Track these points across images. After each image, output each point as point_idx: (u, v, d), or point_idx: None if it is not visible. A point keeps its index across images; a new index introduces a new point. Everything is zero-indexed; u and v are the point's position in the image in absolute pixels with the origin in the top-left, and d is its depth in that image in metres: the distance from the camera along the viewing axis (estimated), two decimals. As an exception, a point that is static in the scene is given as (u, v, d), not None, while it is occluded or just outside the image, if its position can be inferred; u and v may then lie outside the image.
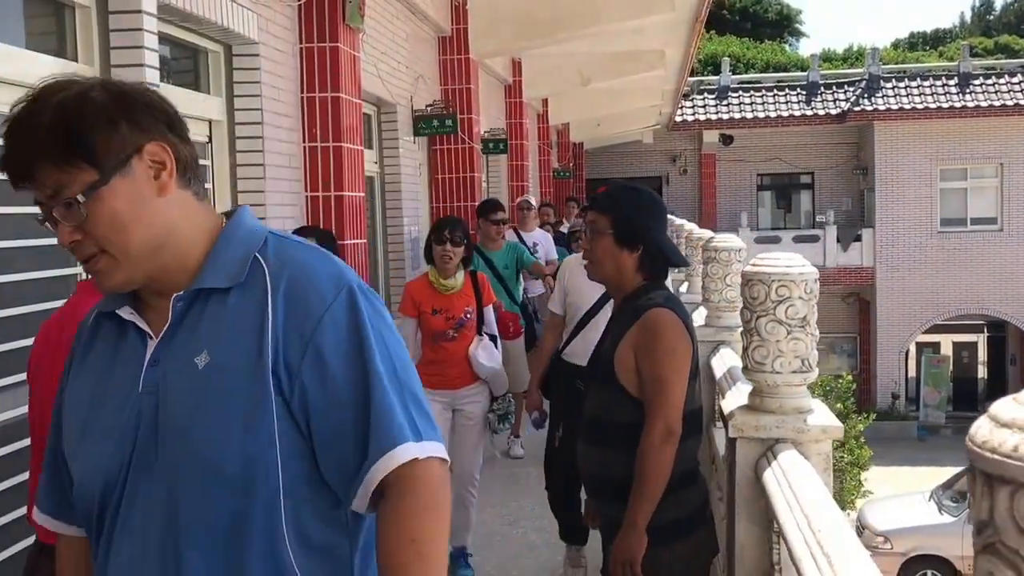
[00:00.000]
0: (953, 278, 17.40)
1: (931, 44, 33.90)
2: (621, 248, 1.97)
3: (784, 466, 1.56)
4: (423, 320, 3.48)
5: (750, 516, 1.72)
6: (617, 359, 1.91)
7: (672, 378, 1.84)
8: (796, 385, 1.73)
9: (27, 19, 2.65)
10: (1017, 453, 0.48)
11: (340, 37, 4.11)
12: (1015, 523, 0.48)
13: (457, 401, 3.51)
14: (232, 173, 3.69)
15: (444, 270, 3.46)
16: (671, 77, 11.79)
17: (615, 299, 2.07)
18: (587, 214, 2.06)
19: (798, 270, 1.70)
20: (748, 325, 1.74)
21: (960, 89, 17.58)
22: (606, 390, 1.94)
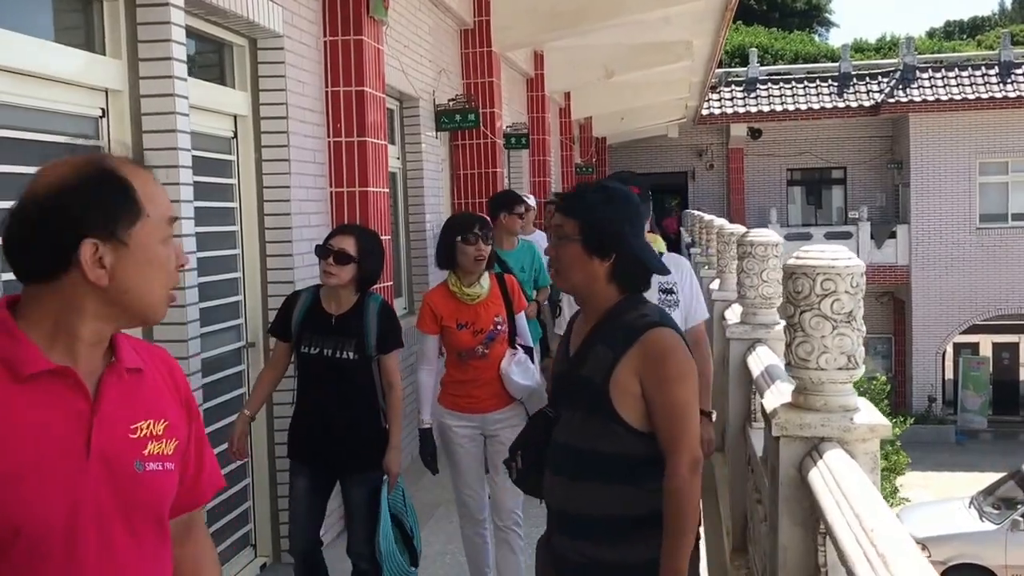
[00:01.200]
0: (993, 276, 16.92)
1: (968, 33, 33.08)
2: (591, 256, 1.74)
3: (831, 465, 1.49)
4: (447, 336, 3.04)
5: (793, 517, 1.65)
6: (615, 386, 1.68)
7: (691, 404, 1.69)
8: (842, 382, 1.65)
9: (56, 13, 2.65)
10: None
11: (364, 30, 4.08)
12: None
13: (489, 426, 3.08)
14: (258, 168, 3.68)
15: (470, 275, 3.02)
16: (699, 69, 11.61)
17: (587, 313, 1.82)
18: (553, 215, 1.86)
19: (844, 263, 1.62)
20: (791, 320, 1.67)
21: (1001, 79, 17.06)
22: (596, 420, 1.71)
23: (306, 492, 2.88)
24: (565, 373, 1.82)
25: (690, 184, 20.36)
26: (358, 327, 2.79)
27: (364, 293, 2.85)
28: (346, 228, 2.94)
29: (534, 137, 8.99)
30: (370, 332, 2.79)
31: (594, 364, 1.73)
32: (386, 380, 2.86)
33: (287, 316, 2.88)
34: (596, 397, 1.70)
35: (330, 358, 2.78)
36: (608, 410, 1.69)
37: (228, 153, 3.58)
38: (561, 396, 1.82)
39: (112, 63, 2.70)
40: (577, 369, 1.77)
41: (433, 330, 3.06)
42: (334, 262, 2.75)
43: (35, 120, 2.46)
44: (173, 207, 1.16)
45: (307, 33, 3.92)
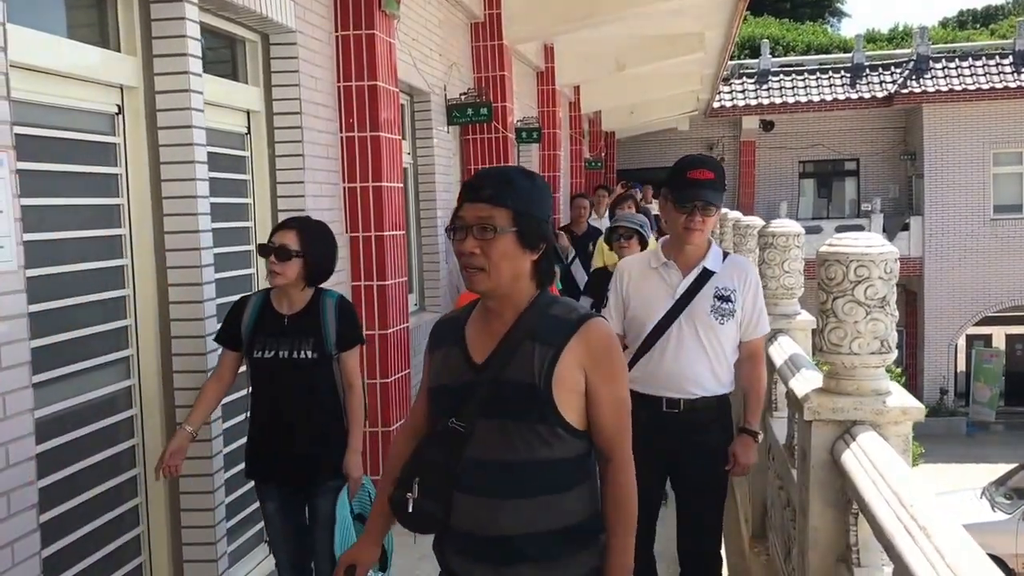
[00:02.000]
0: (1006, 267, 16.76)
1: (982, 22, 32.73)
2: (524, 250, 1.52)
3: (865, 447, 1.48)
4: None
5: (825, 499, 1.64)
6: (559, 385, 1.49)
7: (629, 398, 1.57)
8: (874, 366, 1.62)
9: (70, 10, 2.65)
10: None
11: (376, 24, 4.06)
12: None
13: None
14: (271, 164, 3.67)
15: None
16: (711, 61, 11.53)
17: (497, 312, 1.57)
18: (469, 205, 1.53)
19: (878, 250, 1.60)
20: (824, 306, 1.65)
21: (1015, 68, 16.87)
22: (530, 427, 1.50)
23: (279, 514, 2.67)
24: (474, 381, 1.55)
25: (701, 178, 20.21)
26: (314, 325, 2.59)
27: (318, 290, 2.66)
28: (287, 222, 2.69)
29: (544, 131, 8.96)
30: (328, 329, 2.60)
31: (523, 365, 1.51)
32: (346, 380, 2.65)
33: (235, 322, 2.64)
34: (532, 401, 1.50)
35: (286, 359, 2.56)
36: (550, 413, 1.50)
37: (241, 149, 3.57)
38: (471, 407, 1.54)
39: (128, 60, 2.70)
40: (497, 373, 1.53)
41: None
42: (276, 259, 2.55)
43: (53, 117, 2.46)
44: None
45: (319, 28, 3.91)
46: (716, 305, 2.50)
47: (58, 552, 2.38)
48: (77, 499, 2.48)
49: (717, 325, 2.49)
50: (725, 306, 2.50)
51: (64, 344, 2.47)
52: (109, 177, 2.71)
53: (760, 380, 2.58)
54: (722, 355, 2.53)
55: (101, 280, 2.67)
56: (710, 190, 2.45)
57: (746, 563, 3.43)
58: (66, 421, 2.47)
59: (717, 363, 2.52)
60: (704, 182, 2.44)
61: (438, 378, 1.61)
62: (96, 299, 2.63)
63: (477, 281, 1.53)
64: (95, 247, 2.65)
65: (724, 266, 2.54)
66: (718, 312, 2.49)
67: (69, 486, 2.45)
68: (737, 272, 2.54)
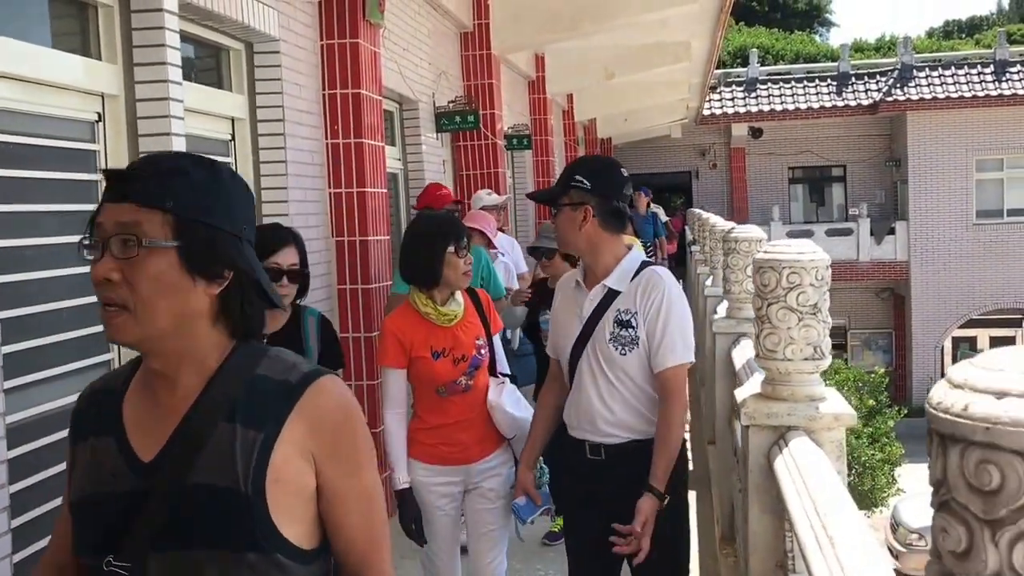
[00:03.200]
0: (989, 271, 16.99)
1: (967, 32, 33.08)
2: (192, 278, 0.99)
3: (795, 453, 1.54)
4: (418, 369, 2.43)
5: (763, 505, 1.70)
6: (275, 485, 0.98)
7: (381, 490, 1.09)
8: (808, 372, 1.70)
9: (52, 19, 2.72)
10: (967, 412, 0.49)
11: (360, 33, 4.15)
12: (965, 479, 0.49)
13: (473, 478, 2.49)
14: (255, 170, 3.75)
15: (449, 292, 2.46)
16: (698, 69, 11.67)
17: (164, 376, 1.03)
18: (110, 206, 1.03)
19: (809, 257, 1.67)
20: (759, 313, 1.73)
21: (996, 77, 17.13)
22: (235, 554, 0.96)
23: None
24: (140, 491, 0.98)
25: (694, 183, 20.44)
26: (296, 345, 2.25)
27: (297, 306, 2.35)
28: (282, 235, 2.32)
29: (536, 138, 9.07)
30: (311, 349, 2.29)
31: (218, 461, 0.97)
32: None
33: None
34: (234, 518, 0.96)
35: None
36: (266, 534, 0.97)
37: (226, 155, 3.65)
38: (138, 533, 0.97)
39: (108, 68, 2.78)
40: (176, 477, 0.98)
41: (400, 363, 2.44)
42: (288, 282, 2.26)
43: (32, 125, 2.53)
44: None
45: (303, 37, 3.99)
46: (615, 332, 2.08)
47: (32, 556, 2.43)
48: (51, 504, 2.52)
49: (618, 356, 2.06)
50: (625, 333, 2.06)
51: (42, 348, 2.52)
52: (90, 184, 2.79)
53: (669, 424, 2.03)
54: (637, 391, 2.09)
55: (82, 285, 2.73)
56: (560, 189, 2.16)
57: (716, 565, 3.51)
58: (44, 425, 2.52)
59: (635, 399, 2.09)
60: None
61: (83, 488, 1.03)
62: (78, 303, 2.70)
63: (117, 327, 0.98)
64: (76, 253, 2.70)
65: (633, 283, 2.09)
66: (618, 340, 2.07)
67: (42, 491, 2.49)
68: (642, 290, 2.07)
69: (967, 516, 0.50)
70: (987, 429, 0.48)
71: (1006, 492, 0.48)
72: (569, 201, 2.11)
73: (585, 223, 2.10)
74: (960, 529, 0.50)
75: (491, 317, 2.57)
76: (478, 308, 2.54)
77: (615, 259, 2.13)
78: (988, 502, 0.49)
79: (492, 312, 2.60)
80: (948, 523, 0.50)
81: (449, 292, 2.47)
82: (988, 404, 0.49)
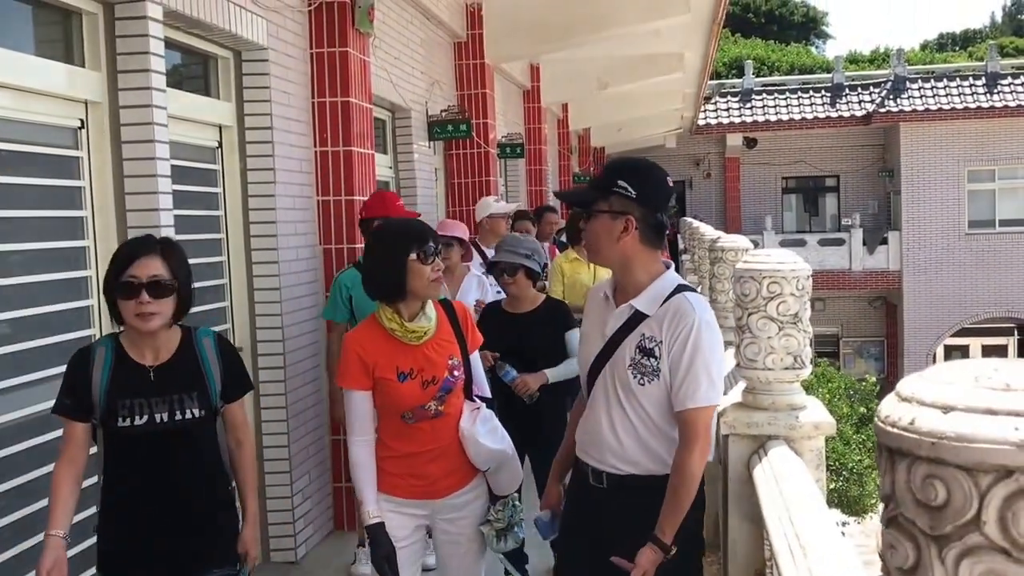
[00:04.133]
0: (982, 281, 17.07)
1: (960, 45, 33.36)
2: None
3: (774, 462, 1.53)
4: (382, 392, 2.17)
5: (742, 513, 1.69)
6: None
7: None
8: (788, 382, 1.69)
9: (36, 27, 2.71)
10: (913, 426, 0.47)
11: (350, 42, 4.15)
12: (912, 494, 0.48)
13: (441, 514, 2.25)
14: (243, 178, 3.74)
15: (419, 305, 2.19)
16: (691, 80, 11.72)
17: None
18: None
19: (789, 267, 1.66)
20: (740, 322, 1.71)
21: (988, 89, 17.27)
22: None
23: None
24: None
25: (688, 193, 20.50)
26: (194, 373, 2.03)
27: (185, 328, 2.09)
28: (143, 244, 2.02)
29: (530, 147, 9.09)
30: (212, 376, 2.05)
31: None
32: (233, 437, 2.11)
33: (83, 385, 1.99)
34: None
35: (166, 424, 1.98)
36: None
37: (213, 163, 3.64)
38: None
39: (91, 75, 2.77)
40: None
41: (363, 384, 2.16)
42: (150, 296, 1.95)
43: (14, 131, 2.52)
44: None
45: (292, 45, 3.99)
46: (636, 359, 1.85)
47: (16, 556, 2.41)
48: (35, 506, 2.51)
49: (636, 386, 1.84)
50: (647, 362, 1.84)
51: (27, 352, 2.51)
52: (73, 190, 2.77)
53: (683, 472, 1.78)
54: (652, 426, 1.85)
55: (65, 291, 2.72)
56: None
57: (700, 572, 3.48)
58: (26, 429, 2.51)
59: (649, 433, 1.85)
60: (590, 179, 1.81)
61: None
62: (61, 309, 2.68)
63: None
64: (59, 258, 2.70)
65: (663, 308, 1.84)
66: (638, 368, 1.84)
67: (26, 494, 2.48)
68: (669, 318, 1.82)
69: (915, 532, 0.48)
70: (933, 444, 0.47)
71: (952, 508, 0.47)
72: (609, 208, 1.86)
73: (625, 235, 1.84)
74: (908, 545, 0.48)
75: (469, 333, 2.29)
76: (454, 323, 2.25)
77: (649, 278, 1.89)
78: (935, 517, 0.47)
79: (470, 327, 2.30)
80: (896, 539, 0.49)
81: (419, 305, 2.19)
82: (934, 418, 0.48)
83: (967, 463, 0.46)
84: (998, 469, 0.45)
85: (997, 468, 0.45)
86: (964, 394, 0.49)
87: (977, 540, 0.46)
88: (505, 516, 2.23)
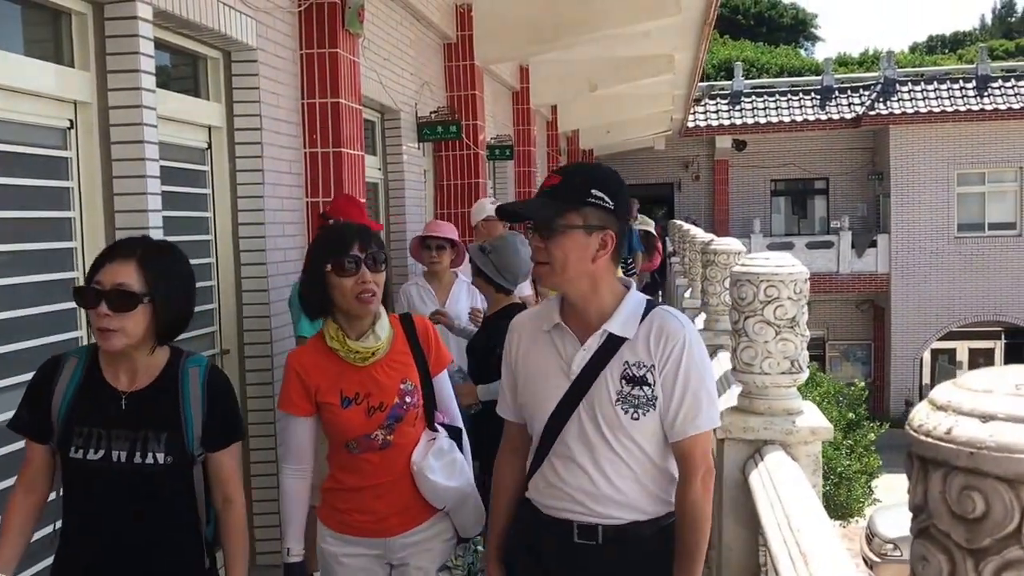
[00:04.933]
0: (970, 284, 17.21)
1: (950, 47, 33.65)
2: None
3: (770, 467, 1.52)
4: (325, 418, 1.95)
5: (737, 518, 1.68)
6: None
7: None
8: (785, 386, 1.68)
9: (25, 26, 2.68)
10: (950, 436, 0.46)
11: (340, 43, 4.13)
12: (947, 506, 0.46)
13: (396, 553, 2.00)
14: (232, 179, 3.71)
15: (359, 321, 1.94)
16: (681, 82, 11.74)
17: None
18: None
19: (787, 270, 1.65)
20: (736, 326, 1.70)
21: (978, 92, 17.41)
22: None
23: None
24: None
25: (676, 195, 20.57)
26: (170, 409, 1.69)
27: (175, 351, 1.76)
28: (120, 247, 1.71)
29: (519, 149, 9.08)
30: (191, 416, 1.70)
31: None
32: (220, 492, 1.76)
33: (45, 400, 1.70)
34: None
35: (123, 465, 1.65)
36: None
37: (202, 164, 3.60)
38: None
39: (81, 75, 2.73)
40: None
41: (305, 409, 1.94)
42: (110, 309, 1.62)
43: (3, 132, 2.48)
44: None
45: (282, 46, 3.96)
46: (624, 391, 1.58)
47: None
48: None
49: (627, 421, 1.57)
50: (638, 392, 1.57)
51: (13, 355, 2.47)
52: (62, 190, 2.74)
53: (692, 509, 1.56)
54: (649, 464, 1.60)
55: (54, 291, 2.68)
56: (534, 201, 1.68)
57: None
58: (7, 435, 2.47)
59: (647, 473, 1.60)
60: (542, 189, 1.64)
61: None
62: (48, 310, 2.64)
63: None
64: (47, 259, 2.66)
65: (642, 328, 1.59)
66: (627, 401, 1.57)
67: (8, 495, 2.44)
68: (656, 338, 1.58)
69: (949, 544, 0.47)
70: (971, 454, 0.45)
71: (991, 520, 0.45)
72: (584, 223, 1.56)
73: (603, 253, 1.57)
74: (941, 558, 0.47)
75: (431, 352, 2.01)
76: (412, 341, 1.99)
77: (615, 298, 1.62)
78: (972, 530, 0.45)
79: (434, 345, 2.03)
80: (928, 551, 0.47)
81: (367, 321, 1.94)
82: (973, 427, 0.46)
83: (1008, 474, 0.44)
84: (1041, 480, 0.44)
85: (1040, 479, 0.44)
86: (1005, 402, 0.47)
87: (1017, 554, 0.45)
88: (465, 563, 1.99)
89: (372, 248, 1.94)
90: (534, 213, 1.62)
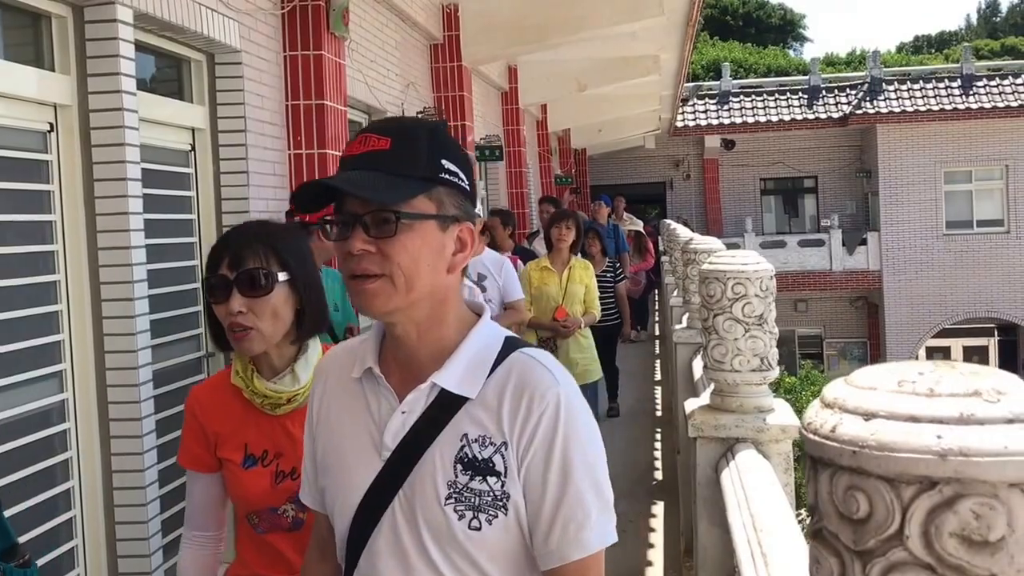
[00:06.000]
0: (961, 281, 17.32)
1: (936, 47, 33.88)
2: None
3: (740, 466, 1.54)
4: (227, 477, 1.50)
5: (711, 518, 1.69)
6: None
7: None
8: (756, 384, 1.70)
9: (4, 30, 2.67)
10: (835, 434, 0.46)
11: (324, 45, 4.13)
12: (834, 507, 0.46)
13: None
14: (216, 181, 3.71)
15: (289, 356, 1.48)
16: (668, 82, 11.79)
17: None
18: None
19: (753, 267, 1.67)
20: (707, 323, 1.73)
21: (963, 91, 17.55)
22: None
23: None
24: None
25: (668, 194, 20.64)
26: None
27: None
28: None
29: (509, 149, 9.09)
30: None
31: None
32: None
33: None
34: None
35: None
36: None
37: (186, 166, 3.60)
38: None
39: (61, 79, 2.73)
40: None
41: (204, 464, 1.50)
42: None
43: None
44: None
45: (266, 48, 3.96)
46: (458, 484, 1.00)
47: None
48: (9, 511, 2.47)
49: (462, 531, 0.99)
50: (480, 487, 0.99)
51: None
52: (42, 194, 2.74)
53: None
54: None
55: (35, 295, 2.68)
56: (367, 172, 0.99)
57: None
58: None
59: None
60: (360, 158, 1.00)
61: None
62: (29, 313, 2.64)
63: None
64: (29, 262, 2.66)
65: (492, 382, 1.01)
66: (463, 500, 0.99)
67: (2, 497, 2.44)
68: (513, 398, 1.00)
69: (838, 546, 0.46)
70: (854, 453, 0.44)
71: (874, 521, 0.44)
72: (437, 210, 1.01)
73: (461, 256, 1.03)
74: (832, 560, 0.46)
75: None
76: None
77: (458, 329, 1.05)
78: (857, 531, 0.45)
79: None
80: (821, 553, 0.47)
81: (288, 357, 1.46)
82: (856, 426, 0.45)
83: (889, 473, 0.43)
84: (921, 480, 0.44)
85: (920, 479, 0.44)
86: (887, 400, 0.46)
87: (901, 556, 0.44)
88: None
89: (253, 264, 1.39)
90: (374, 193, 0.96)
